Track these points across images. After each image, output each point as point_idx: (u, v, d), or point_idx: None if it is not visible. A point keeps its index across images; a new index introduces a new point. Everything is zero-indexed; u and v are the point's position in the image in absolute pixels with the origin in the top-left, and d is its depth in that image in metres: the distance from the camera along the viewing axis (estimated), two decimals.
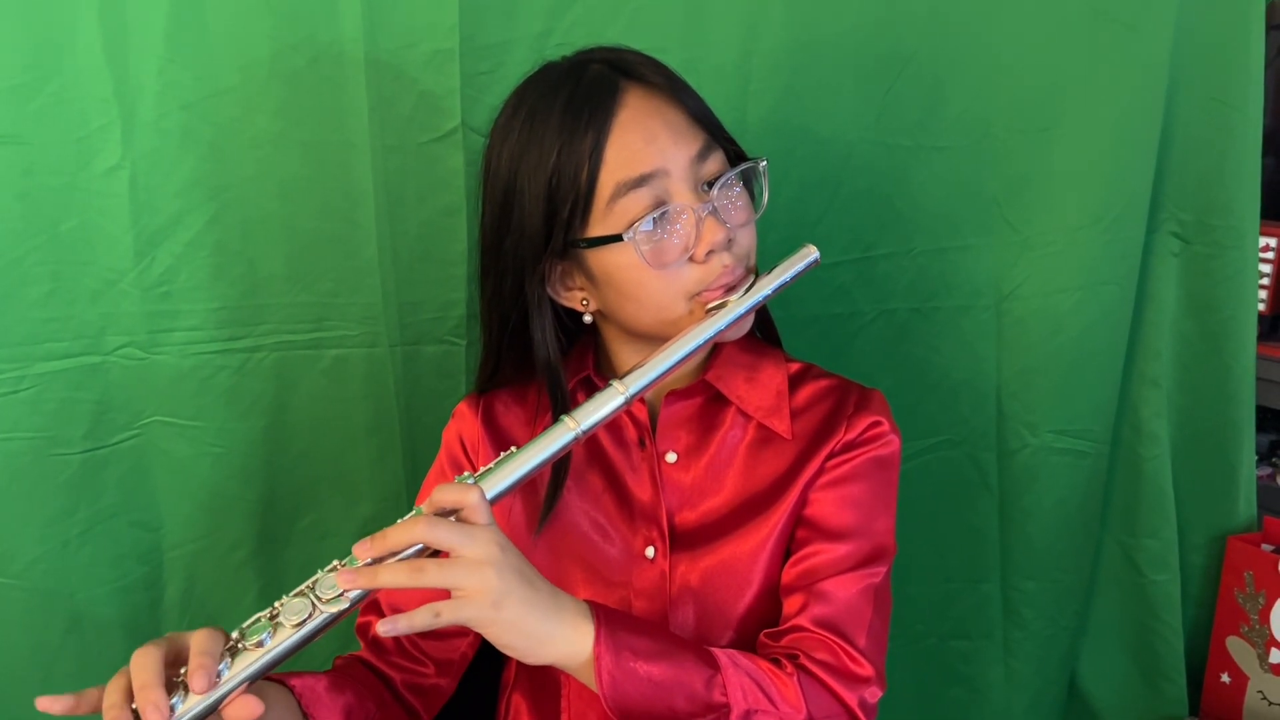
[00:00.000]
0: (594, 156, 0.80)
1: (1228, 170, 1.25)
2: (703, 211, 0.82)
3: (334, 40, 1.05)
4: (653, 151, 0.81)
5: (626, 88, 0.83)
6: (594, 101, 0.82)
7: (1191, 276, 1.29)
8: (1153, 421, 1.33)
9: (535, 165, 0.82)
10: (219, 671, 0.71)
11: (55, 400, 1.07)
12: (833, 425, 0.92)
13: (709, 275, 0.84)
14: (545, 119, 0.82)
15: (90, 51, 1.01)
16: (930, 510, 1.33)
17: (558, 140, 0.81)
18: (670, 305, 0.84)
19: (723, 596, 0.89)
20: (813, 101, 1.17)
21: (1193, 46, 1.21)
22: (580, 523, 0.93)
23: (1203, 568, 1.40)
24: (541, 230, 0.83)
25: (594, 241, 0.83)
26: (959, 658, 1.39)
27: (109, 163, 1.04)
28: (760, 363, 0.94)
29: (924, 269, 1.25)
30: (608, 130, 0.81)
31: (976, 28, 1.18)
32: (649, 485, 0.92)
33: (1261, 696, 1.34)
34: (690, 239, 0.82)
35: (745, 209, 0.87)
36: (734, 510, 0.91)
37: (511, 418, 0.96)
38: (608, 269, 0.84)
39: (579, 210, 0.82)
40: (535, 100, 0.84)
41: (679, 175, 0.82)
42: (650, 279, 0.83)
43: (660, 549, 0.90)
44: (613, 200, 0.81)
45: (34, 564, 1.09)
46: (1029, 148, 1.21)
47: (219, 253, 1.09)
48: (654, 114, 0.83)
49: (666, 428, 0.93)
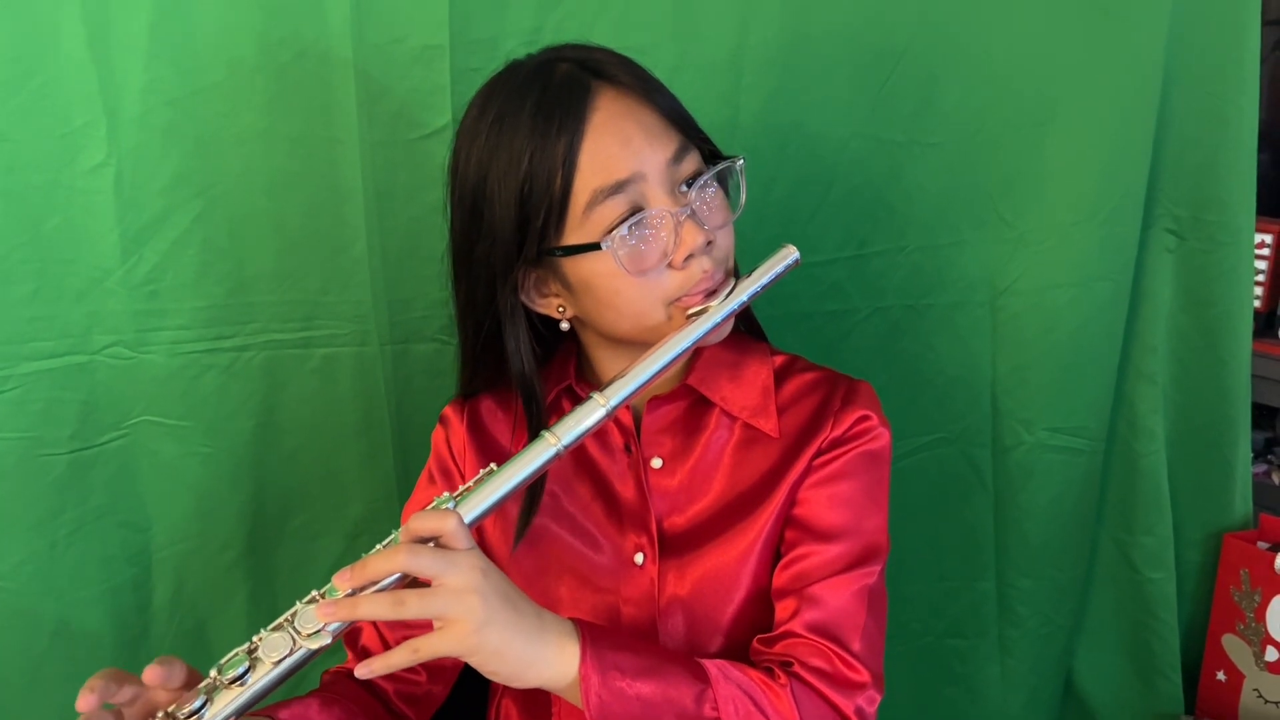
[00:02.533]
0: (568, 162, 0.78)
1: (1223, 166, 1.24)
2: (681, 215, 0.80)
3: (321, 35, 1.04)
4: (628, 155, 0.79)
5: (598, 89, 0.80)
6: (565, 104, 0.79)
7: (1187, 272, 1.29)
8: (1148, 418, 1.32)
9: (505, 170, 0.79)
10: (199, 710, 0.69)
11: (41, 400, 1.07)
12: (819, 421, 0.90)
13: (688, 281, 0.82)
14: (514, 122, 0.79)
15: (74, 47, 1.00)
16: (925, 508, 1.33)
17: (529, 145, 0.78)
18: (649, 312, 0.82)
19: (712, 602, 0.88)
20: (806, 97, 1.17)
21: (1188, 42, 1.20)
22: (567, 530, 0.91)
23: (1198, 565, 1.39)
24: (514, 238, 0.81)
25: (570, 250, 0.80)
26: (955, 656, 1.39)
27: (94, 160, 1.03)
28: (744, 360, 0.92)
29: (918, 265, 1.25)
30: (581, 134, 0.78)
31: (970, 22, 1.17)
32: (636, 491, 0.90)
33: (1257, 694, 1.34)
34: (669, 244, 0.80)
35: (723, 209, 0.84)
36: (721, 513, 0.89)
37: (497, 423, 0.95)
38: (584, 276, 0.82)
39: (553, 218, 0.79)
40: (503, 101, 0.81)
41: (655, 179, 0.80)
42: (628, 286, 0.81)
43: (649, 554, 0.89)
44: (589, 208, 0.79)
45: (21, 566, 1.08)
46: (1023, 143, 1.21)
47: (206, 250, 1.08)
48: (627, 116, 0.80)
49: (650, 434, 0.91)
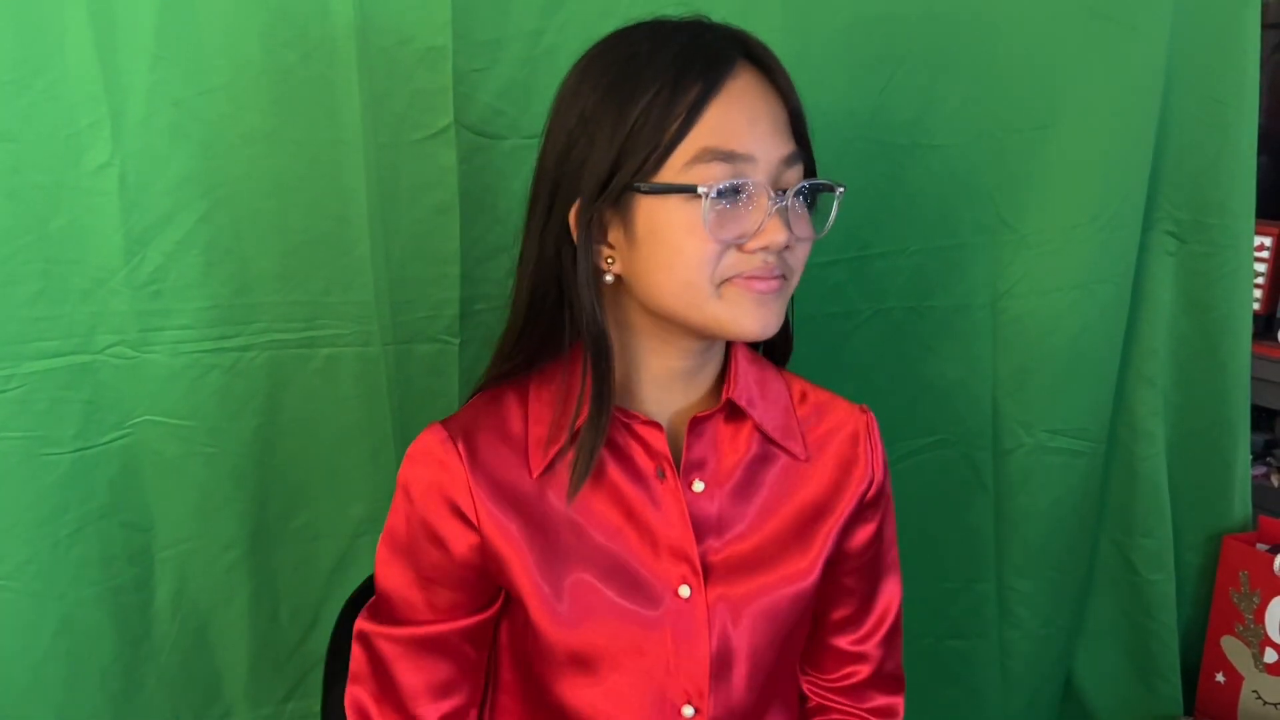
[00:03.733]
0: (693, 111, 0.74)
1: (1223, 169, 1.25)
2: (774, 207, 0.77)
3: (326, 37, 1.05)
4: (751, 134, 0.76)
5: (743, 62, 0.78)
6: (709, 59, 0.76)
7: (1187, 275, 1.30)
8: (1148, 420, 1.33)
9: (627, 97, 0.75)
10: None
11: (45, 399, 1.06)
12: (851, 455, 0.90)
13: (747, 266, 0.77)
14: (650, 58, 0.76)
15: (80, 48, 1.00)
16: (926, 510, 1.33)
17: (659, 80, 0.75)
18: (699, 283, 0.77)
19: (764, 628, 0.86)
20: (808, 99, 1.15)
21: (1189, 46, 1.21)
22: (601, 574, 0.83)
23: (1198, 567, 1.40)
24: (609, 167, 0.76)
25: (663, 188, 0.75)
26: (955, 657, 1.39)
27: (99, 160, 1.03)
28: (766, 375, 0.90)
29: (920, 267, 1.25)
30: (716, 91, 0.75)
31: (972, 25, 1.18)
32: (676, 519, 0.84)
33: (1256, 696, 1.34)
34: (752, 226, 0.76)
35: (808, 225, 0.82)
36: (766, 542, 0.87)
37: (502, 461, 0.84)
38: (656, 224, 0.77)
39: (654, 157, 0.75)
40: (640, 40, 0.78)
41: (765, 168, 0.77)
42: (694, 247, 0.76)
43: (695, 584, 0.84)
44: (693, 161, 0.75)
45: (23, 565, 1.08)
46: (1025, 146, 1.21)
47: (210, 251, 1.08)
48: (762, 98, 0.78)
49: (693, 455, 0.86)
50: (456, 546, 0.83)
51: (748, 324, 0.79)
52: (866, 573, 0.93)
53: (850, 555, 0.91)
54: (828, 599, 0.92)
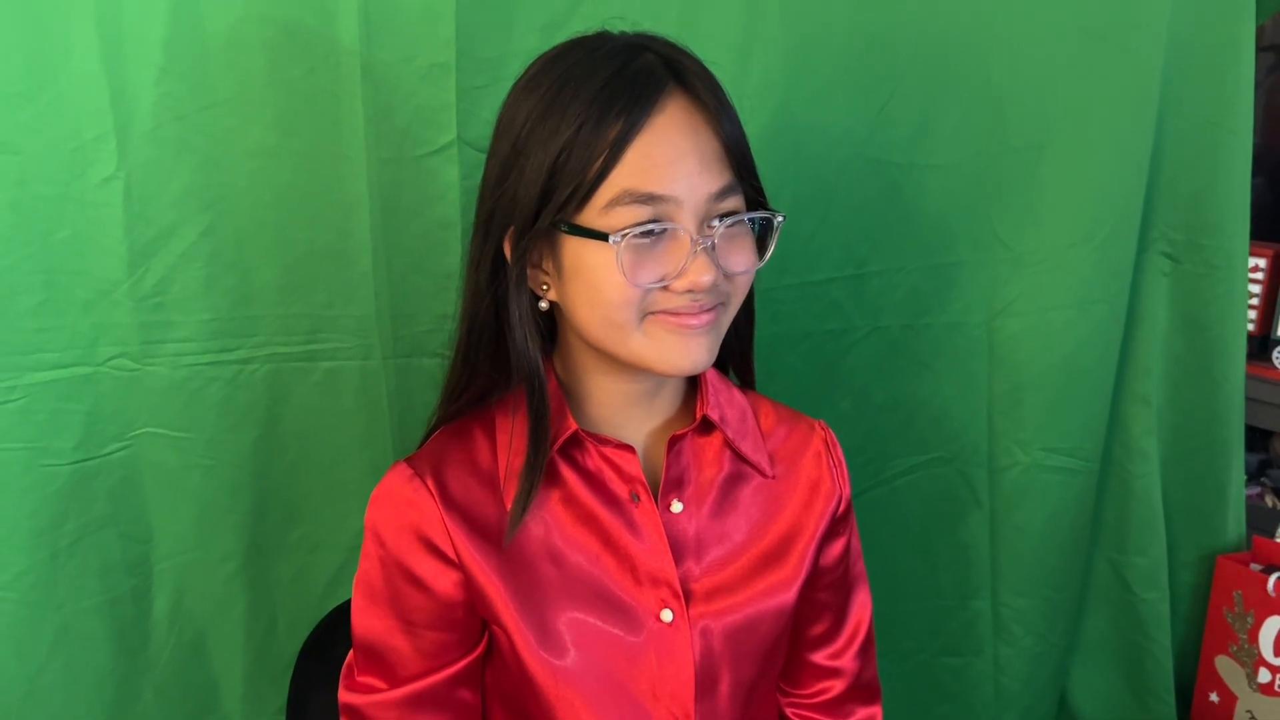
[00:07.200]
0: (613, 151, 0.73)
1: (1218, 190, 1.26)
2: (699, 246, 0.75)
3: (331, 52, 1.06)
4: (673, 174, 0.74)
5: (673, 91, 0.76)
6: (635, 91, 0.74)
7: (1182, 295, 1.30)
8: (1143, 439, 1.33)
9: (552, 131, 0.74)
10: None
11: (46, 410, 1.07)
12: (816, 470, 0.90)
13: (674, 303, 0.76)
14: (576, 89, 0.75)
15: (87, 61, 1.01)
16: (921, 527, 1.33)
17: (584, 115, 0.73)
18: (620, 321, 0.76)
19: (747, 647, 0.86)
20: (806, 118, 1.18)
21: (1183, 67, 1.22)
22: (582, 605, 0.82)
23: (1192, 586, 1.40)
24: (536, 201, 0.75)
25: (578, 230, 0.75)
26: (949, 674, 1.39)
27: (103, 173, 1.04)
28: (732, 393, 0.89)
29: (916, 285, 1.26)
30: (639, 128, 0.73)
31: (969, 47, 1.19)
32: (654, 544, 0.83)
33: (1250, 716, 1.34)
34: (674, 268, 0.75)
35: (747, 257, 0.79)
36: (745, 563, 0.86)
37: (473, 496, 0.82)
38: (581, 263, 0.76)
39: (577, 196, 0.74)
40: (573, 65, 0.76)
41: (690, 207, 0.75)
42: (613, 288, 0.75)
43: (676, 608, 0.83)
44: (613, 204, 0.74)
45: (22, 575, 1.08)
46: (1021, 165, 1.22)
47: (213, 264, 1.08)
48: (689, 131, 0.75)
49: (672, 474, 0.85)
50: (438, 585, 0.81)
51: (674, 360, 0.78)
52: (839, 587, 0.93)
53: (825, 571, 0.91)
54: (804, 615, 0.92)
